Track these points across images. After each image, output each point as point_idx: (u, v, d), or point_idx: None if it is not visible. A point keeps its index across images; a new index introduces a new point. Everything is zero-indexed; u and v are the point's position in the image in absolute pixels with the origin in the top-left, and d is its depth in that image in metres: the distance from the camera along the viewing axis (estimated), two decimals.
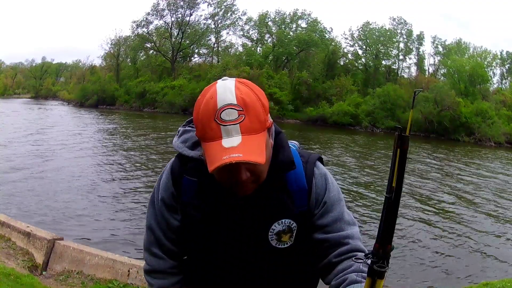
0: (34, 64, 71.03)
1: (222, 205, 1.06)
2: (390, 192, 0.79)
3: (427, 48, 60.34)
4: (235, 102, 0.91)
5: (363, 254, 0.86)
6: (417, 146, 22.96)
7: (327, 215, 1.08)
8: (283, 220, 1.06)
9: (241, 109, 0.91)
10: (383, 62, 42.29)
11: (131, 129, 22.96)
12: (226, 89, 0.93)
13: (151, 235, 1.15)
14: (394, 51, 42.39)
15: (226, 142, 0.89)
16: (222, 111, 0.91)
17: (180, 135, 1.13)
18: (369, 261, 0.77)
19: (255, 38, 45.64)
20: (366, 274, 0.82)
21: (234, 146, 0.89)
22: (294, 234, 1.07)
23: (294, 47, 41.32)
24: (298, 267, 1.13)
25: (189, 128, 1.13)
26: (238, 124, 0.90)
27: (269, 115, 0.99)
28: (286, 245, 1.07)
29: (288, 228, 1.06)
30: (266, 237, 1.06)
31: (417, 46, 42.74)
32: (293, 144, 1.20)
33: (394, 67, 42.61)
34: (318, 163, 1.12)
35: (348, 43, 44.01)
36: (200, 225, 1.08)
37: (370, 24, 42.46)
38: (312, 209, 1.08)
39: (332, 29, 50.64)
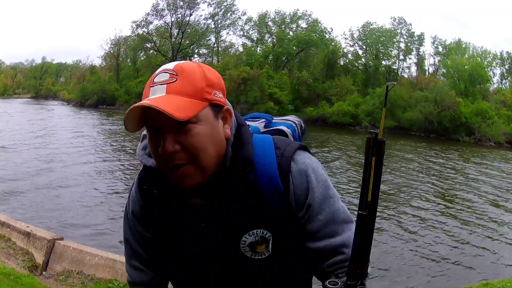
0: (34, 64, 71.08)
1: (185, 218, 0.94)
2: (365, 208, 0.69)
3: (427, 48, 60.38)
4: (171, 68, 0.86)
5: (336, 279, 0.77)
6: (417, 146, 22.97)
7: (315, 218, 0.91)
8: (255, 231, 0.91)
9: (174, 73, 0.85)
10: (383, 62, 42.28)
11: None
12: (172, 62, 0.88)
13: (128, 248, 1.07)
14: (394, 51, 42.39)
15: (148, 101, 0.82)
16: (156, 76, 0.86)
17: (142, 139, 0.98)
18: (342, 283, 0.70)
19: (255, 38, 45.64)
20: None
21: (154, 96, 0.83)
22: (270, 244, 0.92)
23: (294, 47, 41.32)
24: (286, 274, 0.98)
25: None
26: (165, 85, 0.83)
27: (223, 97, 0.89)
28: (263, 256, 0.93)
29: (261, 238, 0.91)
30: (238, 250, 0.92)
31: (417, 46, 42.74)
32: (283, 126, 1.10)
33: (394, 67, 42.59)
34: (297, 156, 0.92)
35: (348, 43, 44.01)
36: (168, 239, 0.98)
37: (371, 24, 42.45)
38: (293, 211, 0.91)
39: (332, 29, 50.68)
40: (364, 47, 42.45)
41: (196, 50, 48.49)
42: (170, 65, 0.87)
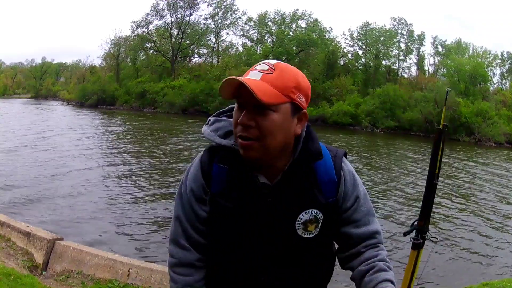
0: (34, 64, 71.10)
1: (252, 193, 1.09)
2: (437, 178, 1.27)
3: (427, 48, 60.37)
4: (273, 63, 1.04)
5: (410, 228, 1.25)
6: (417, 146, 22.97)
7: (360, 209, 1.15)
8: (311, 210, 1.10)
9: (273, 67, 1.02)
10: (383, 62, 42.26)
11: (131, 130, 22.96)
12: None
13: (178, 226, 1.16)
14: (395, 51, 42.38)
15: (249, 75, 1.02)
16: (258, 64, 1.05)
17: (211, 124, 1.15)
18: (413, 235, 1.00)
19: (255, 38, 45.64)
20: (390, 264, 1.13)
21: (249, 78, 1.00)
22: (319, 225, 1.11)
23: (294, 47, 41.33)
24: (319, 257, 1.17)
25: (221, 118, 1.16)
26: (262, 73, 1.01)
27: (305, 102, 1.05)
28: (311, 235, 1.11)
29: (314, 218, 1.10)
30: (293, 226, 1.09)
31: (417, 46, 42.75)
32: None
33: (394, 67, 42.59)
34: (345, 159, 1.17)
35: (348, 43, 43.97)
36: (229, 214, 1.09)
37: (370, 24, 42.46)
38: (339, 202, 1.13)
39: (331, 29, 50.63)
40: (364, 47, 42.45)
41: (196, 50, 48.59)
42: (273, 61, 1.05)
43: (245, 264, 1.12)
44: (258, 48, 44.73)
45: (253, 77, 1.00)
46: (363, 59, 42.72)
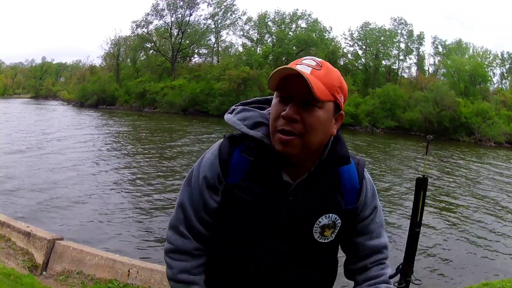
0: (34, 64, 71.07)
1: (275, 190, 1.05)
2: (419, 226, 1.25)
3: (427, 48, 60.38)
4: (318, 60, 1.00)
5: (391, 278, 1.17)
6: (417, 146, 22.97)
7: (375, 220, 1.16)
8: (330, 215, 1.08)
9: (320, 64, 0.99)
10: (383, 62, 42.26)
11: (131, 130, 22.96)
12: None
13: (180, 213, 1.11)
14: (394, 51, 42.38)
15: (297, 67, 0.97)
16: (304, 59, 1.01)
17: (238, 112, 1.10)
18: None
19: (255, 38, 45.61)
20: (390, 286, 1.15)
21: (302, 70, 0.95)
22: (336, 231, 1.10)
23: (294, 47, 41.30)
24: (330, 259, 1.16)
25: (250, 108, 1.12)
26: (311, 68, 0.97)
27: (343, 103, 1.03)
28: (326, 240, 1.09)
29: (333, 223, 1.08)
30: (311, 229, 1.07)
31: (417, 46, 42.74)
32: None
33: (394, 67, 42.59)
34: (365, 168, 1.17)
35: (348, 43, 44.03)
36: (247, 208, 1.05)
37: (370, 24, 42.46)
38: (358, 210, 1.12)
39: (331, 29, 50.63)
40: (364, 47, 42.45)
41: (196, 50, 48.55)
42: (317, 58, 1.02)
43: (257, 260, 1.08)
44: (258, 48, 44.72)
45: (302, 70, 0.95)
46: (363, 59, 42.73)
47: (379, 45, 41.54)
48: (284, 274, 1.10)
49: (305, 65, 0.97)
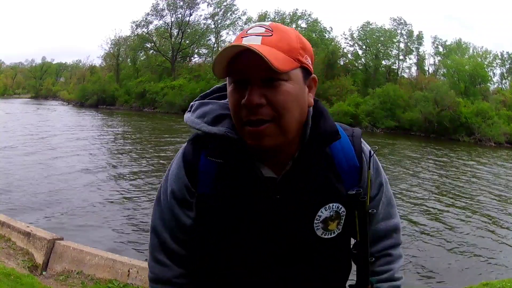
0: (34, 64, 71.21)
1: (255, 191, 0.87)
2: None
3: (427, 48, 60.39)
4: (267, 24, 0.83)
5: None
6: (417, 146, 22.97)
7: (384, 199, 0.97)
8: (331, 205, 0.89)
9: (270, 28, 0.81)
10: (383, 62, 42.29)
11: (131, 130, 22.96)
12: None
13: (154, 238, 0.97)
14: (394, 51, 42.40)
15: (243, 42, 0.79)
16: (250, 28, 0.83)
17: (195, 109, 0.94)
18: None
19: None
20: (398, 283, 0.97)
21: (251, 43, 0.77)
22: (342, 221, 0.91)
23: None
24: (338, 256, 0.97)
25: (208, 101, 0.94)
26: (261, 36, 0.80)
27: (311, 64, 0.86)
28: (333, 235, 0.91)
29: (336, 214, 0.90)
30: (311, 226, 0.89)
31: (417, 46, 42.76)
32: None
33: (394, 67, 42.60)
34: (362, 139, 0.97)
35: (348, 43, 44.05)
36: (224, 219, 0.88)
37: (371, 24, 42.48)
38: (363, 190, 0.92)
39: (332, 29, 50.69)
40: (364, 47, 42.45)
41: (196, 50, 48.58)
42: (265, 22, 0.84)
43: (254, 277, 0.91)
44: None
45: (251, 43, 0.78)
46: (363, 59, 42.74)
47: (379, 45, 41.55)
48: (286, 281, 0.91)
49: (252, 36, 0.80)
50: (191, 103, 0.96)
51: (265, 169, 0.88)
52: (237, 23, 46.13)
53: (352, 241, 0.99)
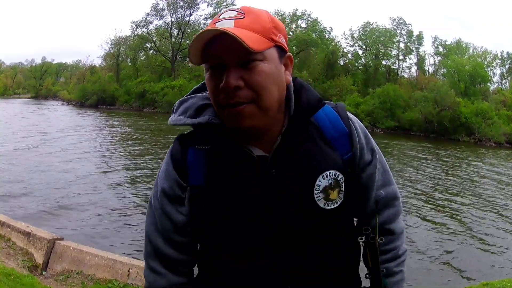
0: (34, 64, 71.28)
1: (249, 171, 0.87)
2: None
3: (427, 48, 60.45)
4: (238, 7, 0.85)
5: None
6: (417, 146, 22.98)
7: (379, 165, 0.97)
8: (328, 172, 0.88)
9: (241, 11, 0.83)
10: (383, 62, 42.32)
11: (132, 130, 22.96)
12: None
13: (148, 244, 0.95)
14: (394, 51, 42.43)
15: (216, 26, 0.81)
16: (222, 13, 0.84)
17: (176, 109, 0.95)
18: None
19: None
20: (402, 261, 0.97)
21: (224, 27, 0.79)
22: (342, 189, 0.90)
23: (294, 47, 41.28)
24: (346, 235, 0.94)
25: (187, 97, 0.96)
26: (233, 20, 0.81)
27: (286, 43, 0.87)
28: (336, 205, 0.89)
29: (335, 181, 0.88)
30: (312, 197, 0.87)
31: (417, 46, 42.79)
32: None
33: (394, 67, 42.63)
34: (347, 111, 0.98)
35: (348, 43, 44.13)
36: (222, 207, 0.87)
37: (371, 24, 42.52)
38: (356, 157, 0.93)
39: (332, 29, 50.70)
40: (364, 47, 42.48)
41: None
42: (236, 6, 0.87)
43: (253, 261, 0.88)
44: None
45: (224, 27, 0.79)
46: (363, 59, 42.76)
47: (379, 45, 41.58)
48: (298, 271, 0.88)
49: (225, 20, 0.81)
50: (172, 107, 0.97)
51: (255, 149, 0.88)
52: None
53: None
